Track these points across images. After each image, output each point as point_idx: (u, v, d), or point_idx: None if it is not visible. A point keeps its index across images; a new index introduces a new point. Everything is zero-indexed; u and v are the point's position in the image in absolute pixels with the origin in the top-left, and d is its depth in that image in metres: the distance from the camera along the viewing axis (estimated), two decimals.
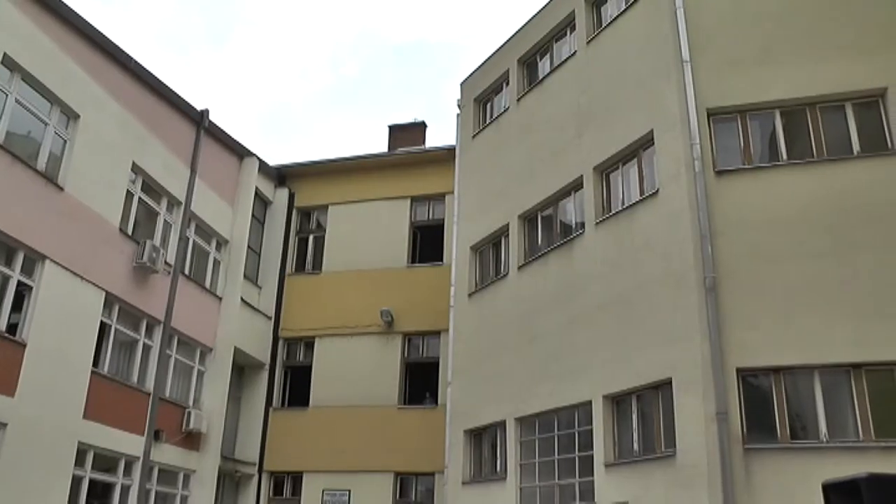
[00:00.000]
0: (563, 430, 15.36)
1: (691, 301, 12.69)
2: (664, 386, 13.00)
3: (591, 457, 14.24)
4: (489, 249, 19.28)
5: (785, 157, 13.25)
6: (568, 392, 15.06)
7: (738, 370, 12.14)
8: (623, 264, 14.47)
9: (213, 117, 21.16)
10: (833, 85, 13.14)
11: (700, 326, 12.43)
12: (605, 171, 15.73)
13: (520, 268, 17.56)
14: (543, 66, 18.77)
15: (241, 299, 21.92)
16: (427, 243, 23.08)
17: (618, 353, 14.06)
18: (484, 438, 17.95)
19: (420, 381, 21.99)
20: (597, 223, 15.39)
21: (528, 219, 17.87)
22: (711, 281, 12.55)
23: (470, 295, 19.30)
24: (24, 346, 14.84)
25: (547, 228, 17.37)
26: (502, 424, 16.87)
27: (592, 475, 14.13)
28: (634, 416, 13.77)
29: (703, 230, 12.88)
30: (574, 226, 16.45)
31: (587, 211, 15.77)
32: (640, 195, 14.60)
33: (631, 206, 14.70)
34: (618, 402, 14.17)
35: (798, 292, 12.16)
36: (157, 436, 18.25)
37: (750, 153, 13.58)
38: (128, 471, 17.67)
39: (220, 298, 21.47)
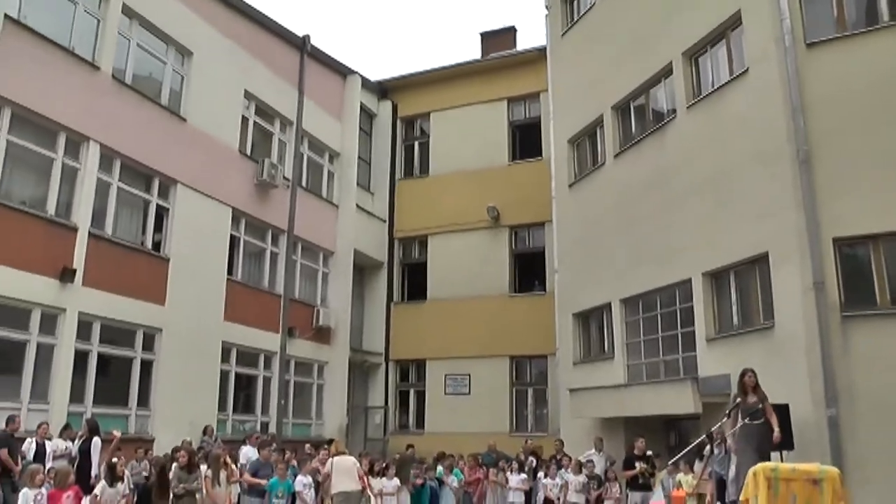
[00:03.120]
0: (665, 308, 15.18)
1: (785, 175, 12.07)
2: (761, 260, 12.56)
3: (693, 332, 14.05)
4: (585, 141, 18.84)
5: (886, 18, 12.14)
6: (668, 272, 14.80)
7: (835, 240, 11.53)
8: (715, 145, 13.86)
9: (314, 40, 21.34)
10: None
11: (794, 199, 11.83)
12: (694, 55, 14.90)
13: (615, 156, 17.13)
14: None
15: (357, 205, 22.45)
16: (525, 140, 22.81)
17: (714, 231, 13.63)
18: (591, 320, 17.99)
19: (528, 271, 22.12)
20: (688, 107, 14.72)
21: (621, 109, 17.28)
22: (805, 154, 11.85)
23: (570, 186, 19.04)
24: (167, 260, 15.88)
25: (639, 117, 16.78)
26: (607, 306, 16.83)
27: (695, 350, 13.98)
28: (733, 291, 13.42)
29: (795, 104, 12.09)
30: (665, 112, 15.80)
31: (678, 96, 15.10)
32: (730, 75, 13.79)
33: (721, 87, 13.91)
34: (716, 278, 13.81)
35: (893, 159, 11.37)
36: (290, 332, 19.27)
37: (844, 20, 12.53)
38: (267, 364, 18.87)
39: (337, 206, 22.06)
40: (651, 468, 12.85)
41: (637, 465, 12.89)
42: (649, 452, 13.17)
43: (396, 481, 12.48)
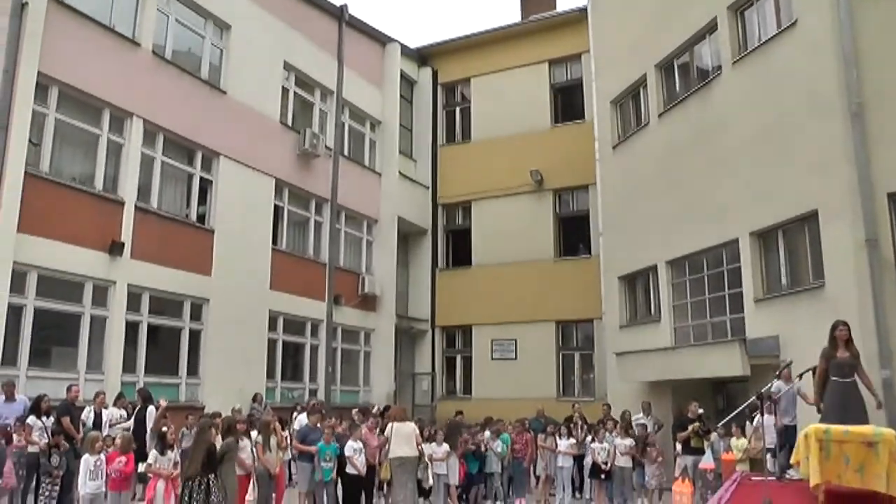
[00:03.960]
0: (712, 269, 14.85)
1: (836, 129, 11.59)
2: (810, 218, 12.14)
3: (741, 293, 13.72)
4: (629, 102, 18.41)
5: None
6: (714, 232, 14.45)
7: (889, 195, 11.08)
8: (762, 100, 13.38)
9: (352, 9, 21.07)
10: None
11: (846, 154, 11.37)
12: (740, 8, 14.33)
13: (659, 116, 16.71)
14: None
15: (399, 173, 22.35)
16: (568, 103, 22.37)
17: (761, 189, 13.20)
18: (637, 283, 17.72)
19: (573, 234, 21.83)
20: (734, 62, 14.22)
21: (665, 67, 16.81)
22: (857, 107, 11.34)
23: (613, 147, 18.69)
24: (212, 232, 16.04)
25: (684, 75, 16.31)
26: (654, 268, 16.55)
27: (742, 311, 13.65)
28: (781, 251, 13.02)
29: (847, 55, 11.55)
30: (710, 69, 15.30)
31: (723, 52, 14.60)
32: (778, 28, 13.24)
33: (768, 40, 13.37)
34: (764, 237, 13.41)
35: None
36: (336, 300, 19.38)
37: None
38: (314, 332, 19.03)
39: (380, 174, 21.99)
40: (704, 428, 12.63)
41: (689, 427, 12.68)
42: (701, 410, 12.93)
43: (446, 447, 12.49)
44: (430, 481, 12.09)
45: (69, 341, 13.12)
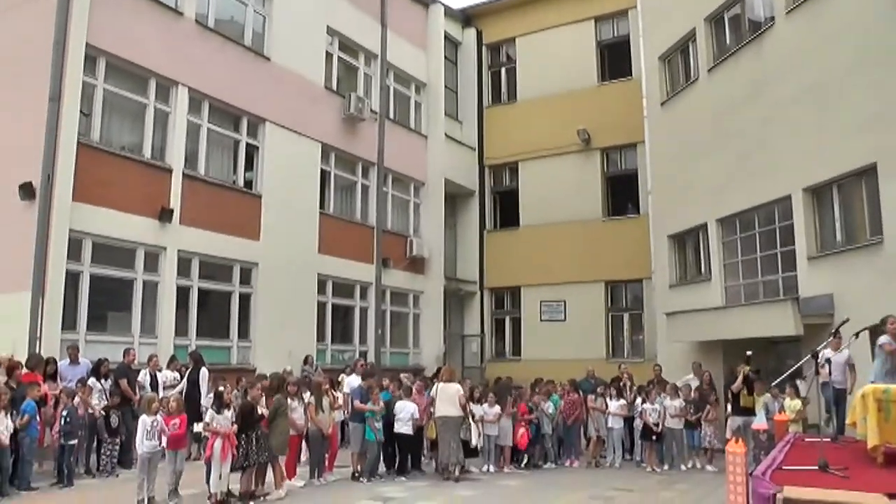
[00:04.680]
0: (764, 226, 14.42)
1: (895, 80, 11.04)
2: (868, 172, 11.62)
3: (793, 251, 13.29)
4: (677, 57, 17.83)
5: None
6: (766, 189, 13.99)
7: None
8: (818, 52, 12.78)
9: None
10: None
11: None
12: None
13: (709, 70, 16.16)
14: None
15: (445, 135, 22.11)
16: (615, 60, 21.74)
17: (816, 143, 12.69)
18: (687, 242, 17.34)
19: (621, 193, 21.41)
20: (787, 13, 13.61)
21: (714, 20, 16.21)
22: None
23: (662, 104, 18.19)
24: (259, 197, 16.11)
25: (734, 27, 15.70)
26: (704, 227, 16.16)
27: (795, 269, 13.24)
28: (836, 207, 12.53)
29: None
30: (762, 20, 14.66)
31: (776, 2, 13.97)
32: None
33: None
34: (818, 193, 12.92)
35: None
36: (385, 263, 19.38)
37: None
38: (363, 295, 19.10)
39: (426, 136, 21.79)
40: (755, 370, 12.23)
41: (740, 369, 12.21)
42: (749, 353, 12.40)
43: (497, 408, 12.45)
44: (475, 441, 12.08)
45: (123, 306, 13.42)
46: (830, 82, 12.40)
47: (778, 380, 10.56)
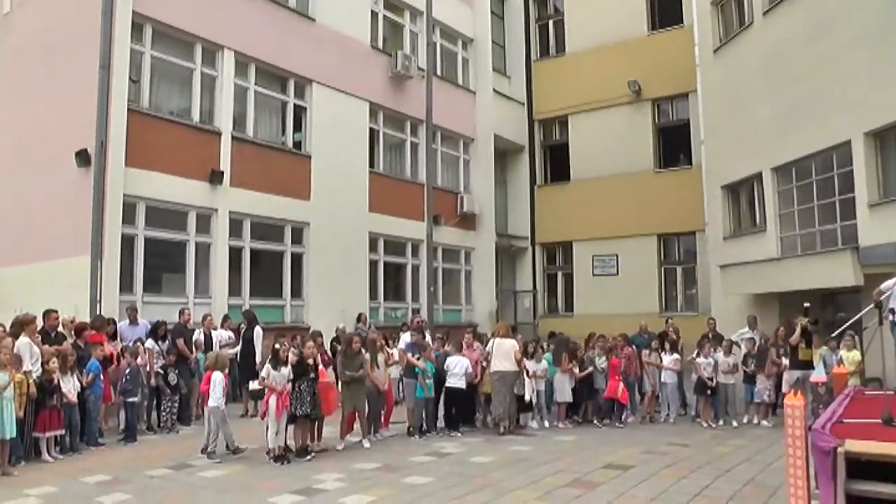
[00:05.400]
0: (821, 174, 13.81)
1: None
2: None
3: (853, 199, 12.70)
4: (730, 1, 17.07)
5: None
6: (824, 135, 13.36)
7: None
8: None
9: None
10: None
11: None
12: None
13: (765, 14, 15.41)
14: None
15: (494, 90, 21.75)
16: (665, 7, 21.00)
17: (879, 85, 11.99)
18: (741, 193, 16.78)
19: (673, 144, 20.82)
20: None
21: None
22: None
23: (715, 51, 17.48)
24: (308, 157, 16.14)
25: None
26: (758, 177, 15.59)
27: (854, 218, 12.66)
28: None
29: None
30: None
31: None
32: None
33: None
34: (880, 137, 12.28)
35: None
36: (435, 220, 19.28)
37: None
38: (415, 252, 19.08)
39: (474, 92, 21.46)
40: (813, 321, 11.78)
41: (797, 321, 11.76)
42: (807, 305, 11.93)
43: (544, 363, 12.25)
44: (528, 396, 11.98)
45: (178, 268, 13.66)
46: (894, 21, 11.69)
47: (837, 331, 10.17)
